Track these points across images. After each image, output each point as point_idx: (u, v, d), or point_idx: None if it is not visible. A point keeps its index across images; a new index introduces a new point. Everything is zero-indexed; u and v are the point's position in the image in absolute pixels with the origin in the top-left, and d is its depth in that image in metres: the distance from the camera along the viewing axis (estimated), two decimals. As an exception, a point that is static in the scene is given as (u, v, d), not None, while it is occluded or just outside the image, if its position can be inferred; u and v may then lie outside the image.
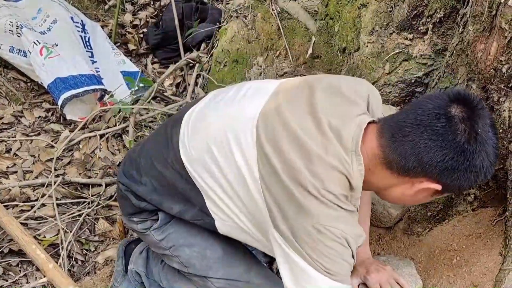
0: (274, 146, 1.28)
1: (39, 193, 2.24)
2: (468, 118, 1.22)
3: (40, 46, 2.76)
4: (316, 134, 1.28)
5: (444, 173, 1.23)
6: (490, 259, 1.75)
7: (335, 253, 1.22)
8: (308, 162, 1.24)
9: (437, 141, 1.21)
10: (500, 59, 1.55)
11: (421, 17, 1.99)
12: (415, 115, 1.25)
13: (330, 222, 1.21)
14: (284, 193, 1.24)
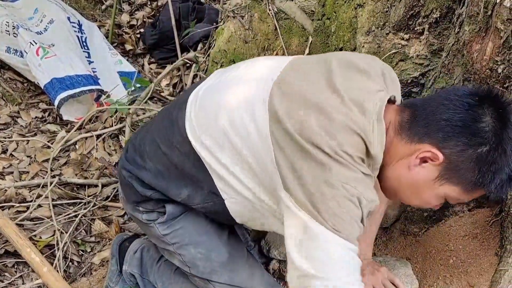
0: (289, 111, 1.20)
1: (35, 193, 2.23)
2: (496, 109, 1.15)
3: (37, 46, 2.76)
4: (337, 103, 1.19)
5: (448, 134, 1.15)
6: (486, 260, 1.75)
7: (346, 212, 1.12)
8: (326, 124, 1.16)
9: (454, 105, 1.14)
10: (496, 59, 1.55)
11: (417, 18, 1.99)
12: (443, 96, 1.19)
13: (345, 179, 1.13)
14: (297, 152, 1.16)
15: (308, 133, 1.16)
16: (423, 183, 1.23)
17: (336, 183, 1.12)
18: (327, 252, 1.12)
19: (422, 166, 1.20)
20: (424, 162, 1.20)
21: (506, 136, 1.12)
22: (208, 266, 1.55)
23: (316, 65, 1.33)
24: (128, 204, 1.63)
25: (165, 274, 1.72)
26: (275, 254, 1.98)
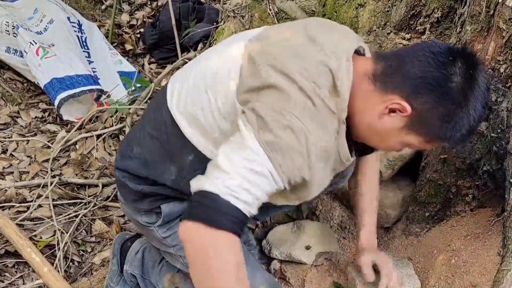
0: (263, 52, 1.27)
1: (35, 193, 2.23)
2: (468, 70, 1.20)
3: (37, 46, 2.75)
4: (311, 46, 1.27)
5: (419, 90, 1.20)
6: (488, 260, 1.74)
7: (285, 143, 1.16)
8: (299, 61, 1.23)
9: (428, 62, 1.20)
10: (498, 59, 1.55)
11: (418, 17, 1.99)
12: (418, 52, 1.23)
13: (299, 113, 1.18)
14: (264, 80, 1.21)
15: (280, 65, 1.22)
16: (390, 131, 1.29)
17: (287, 114, 1.17)
18: (248, 163, 1.16)
19: (390, 115, 1.26)
20: (393, 112, 1.25)
21: (472, 97, 1.19)
22: None
23: (293, 23, 1.43)
24: (128, 207, 1.61)
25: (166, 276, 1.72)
26: (276, 254, 1.98)
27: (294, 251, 1.95)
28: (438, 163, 1.88)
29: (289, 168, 1.19)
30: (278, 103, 1.18)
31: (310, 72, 1.22)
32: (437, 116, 1.21)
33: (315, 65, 1.23)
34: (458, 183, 1.88)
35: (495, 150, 1.69)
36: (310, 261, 1.95)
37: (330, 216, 2.20)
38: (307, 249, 1.97)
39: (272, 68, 1.22)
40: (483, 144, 1.75)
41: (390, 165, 1.99)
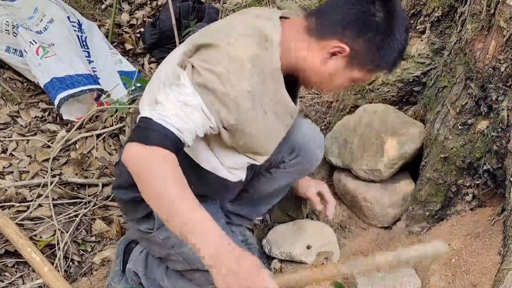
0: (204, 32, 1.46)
1: (35, 193, 2.22)
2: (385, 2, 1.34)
3: (37, 45, 2.74)
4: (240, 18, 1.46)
5: (351, 30, 1.34)
6: (489, 259, 1.74)
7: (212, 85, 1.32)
8: (228, 25, 1.43)
9: (350, 5, 1.35)
10: (499, 57, 1.55)
11: (419, 16, 1.99)
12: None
13: (226, 62, 1.33)
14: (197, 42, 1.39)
15: (212, 31, 1.44)
16: (336, 72, 1.43)
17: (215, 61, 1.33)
18: (182, 97, 1.32)
19: (332, 59, 1.40)
20: (334, 55, 1.39)
21: (395, 24, 1.35)
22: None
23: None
24: (130, 221, 1.69)
25: (172, 273, 1.70)
26: (276, 254, 1.98)
27: (294, 251, 1.95)
28: (438, 162, 1.88)
29: (217, 106, 1.33)
30: (209, 55, 1.35)
31: (238, 30, 1.40)
32: (371, 48, 1.36)
33: (244, 25, 1.42)
34: (458, 182, 1.88)
35: (496, 149, 1.69)
36: (310, 261, 1.95)
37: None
38: (308, 248, 1.97)
39: (206, 34, 1.43)
40: (484, 143, 1.75)
41: (390, 164, 1.99)
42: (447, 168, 1.87)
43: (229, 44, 1.36)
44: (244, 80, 1.35)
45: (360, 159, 2.04)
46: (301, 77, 1.48)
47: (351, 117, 2.17)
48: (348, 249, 2.08)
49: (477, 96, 1.69)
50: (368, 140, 2.05)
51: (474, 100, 1.71)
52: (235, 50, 1.36)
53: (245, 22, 1.44)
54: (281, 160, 1.82)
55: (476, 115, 1.74)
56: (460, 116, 1.77)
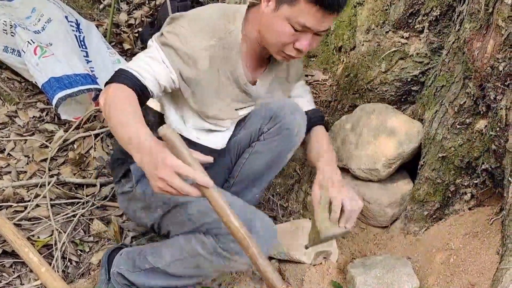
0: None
1: (33, 193, 2.21)
2: None
3: (34, 45, 2.74)
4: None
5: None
6: (487, 258, 1.74)
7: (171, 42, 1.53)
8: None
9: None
10: (497, 57, 1.55)
11: (417, 16, 1.98)
12: None
13: (186, 25, 1.54)
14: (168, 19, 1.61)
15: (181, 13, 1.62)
16: (272, 18, 1.52)
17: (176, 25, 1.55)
18: (147, 53, 1.55)
19: (267, 5, 1.52)
20: (268, 1, 1.52)
21: None
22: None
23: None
24: (117, 186, 1.85)
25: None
26: (274, 254, 1.98)
27: (292, 251, 1.94)
28: (436, 161, 1.87)
29: (177, 61, 1.54)
30: (176, 22, 1.56)
31: (209, 5, 1.62)
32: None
33: (216, 5, 1.61)
34: (456, 182, 1.88)
35: (494, 149, 1.68)
36: (308, 261, 1.94)
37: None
38: (306, 248, 1.96)
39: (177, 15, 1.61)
40: (482, 142, 1.75)
41: (388, 164, 1.99)
42: (445, 168, 1.87)
43: (196, 12, 1.59)
44: (202, 40, 1.55)
45: (358, 158, 2.04)
46: (263, 45, 1.62)
47: (349, 116, 2.17)
48: (346, 248, 2.07)
49: (475, 95, 1.69)
50: (366, 139, 2.04)
51: (473, 100, 1.71)
52: (199, 16, 1.57)
53: (218, 4, 1.66)
54: (260, 132, 1.80)
55: (475, 114, 1.74)
56: (458, 115, 1.77)
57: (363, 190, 2.07)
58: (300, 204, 2.31)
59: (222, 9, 1.61)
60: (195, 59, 1.55)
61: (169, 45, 1.54)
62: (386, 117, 2.04)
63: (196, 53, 1.55)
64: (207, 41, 1.55)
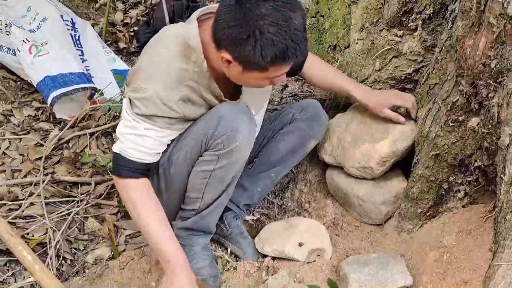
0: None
1: (27, 192, 2.21)
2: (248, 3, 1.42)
3: (29, 44, 2.74)
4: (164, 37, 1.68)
5: (227, 40, 1.47)
6: (480, 256, 1.75)
7: (148, 104, 1.60)
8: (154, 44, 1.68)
9: (225, 9, 1.47)
10: (489, 54, 1.55)
11: (410, 14, 1.99)
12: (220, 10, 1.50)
13: (148, 84, 1.59)
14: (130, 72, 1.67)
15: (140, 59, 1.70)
16: (240, 76, 1.57)
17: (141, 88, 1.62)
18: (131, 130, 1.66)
19: (229, 66, 1.54)
20: (229, 62, 1.53)
21: (259, 24, 1.41)
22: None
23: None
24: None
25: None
26: (268, 252, 1.98)
27: (286, 248, 1.95)
28: (430, 159, 1.88)
29: (161, 121, 1.64)
30: (137, 82, 1.61)
31: (165, 43, 1.62)
32: (249, 52, 1.44)
33: (168, 36, 1.63)
34: (450, 180, 1.89)
35: (486, 146, 1.69)
36: (302, 258, 1.95)
37: (323, 213, 2.20)
38: (300, 245, 1.97)
39: (141, 54, 1.70)
40: (475, 140, 1.75)
41: (382, 162, 1.99)
42: (438, 165, 1.87)
43: (151, 64, 1.61)
44: (173, 94, 1.61)
45: (352, 156, 2.05)
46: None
47: (344, 115, 2.18)
48: (340, 246, 2.08)
49: (468, 93, 1.69)
50: (360, 137, 2.05)
51: (465, 97, 1.71)
52: (157, 68, 1.60)
53: (170, 31, 1.65)
54: (292, 119, 2.07)
55: (467, 112, 1.74)
56: (451, 113, 1.77)
57: (357, 188, 2.08)
58: (295, 202, 2.31)
59: (174, 47, 1.60)
60: (176, 111, 1.64)
61: (148, 115, 1.62)
62: (380, 116, 2.04)
63: (174, 107, 1.63)
64: (178, 92, 1.62)
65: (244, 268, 1.97)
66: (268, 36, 1.41)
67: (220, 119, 1.68)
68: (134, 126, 1.64)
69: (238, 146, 1.70)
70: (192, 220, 1.92)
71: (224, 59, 1.52)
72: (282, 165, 2.09)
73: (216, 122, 1.68)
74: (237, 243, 2.08)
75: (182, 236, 1.95)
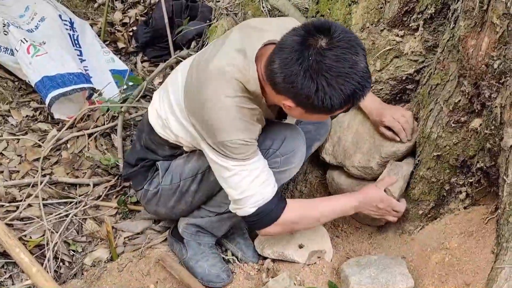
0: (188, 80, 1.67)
1: (25, 193, 2.20)
2: (323, 47, 1.38)
3: (28, 44, 2.72)
4: (224, 55, 1.60)
5: (290, 89, 1.44)
6: (482, 258, 1.73)
7: (240, 150, 1.59)
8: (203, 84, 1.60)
9: (286, 60, 1.42)
10: (492, 54, 1.53)
11: (412, 14, 1.97)
12: (285, 39, 1.45)
13: (230, 137, 1.56)
14: (196, 116, 1.62)
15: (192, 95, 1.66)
16: (303, 115, 1.56)
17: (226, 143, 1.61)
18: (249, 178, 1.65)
19: (291, 108, 1.53)
20: (290, 107, 1.52)
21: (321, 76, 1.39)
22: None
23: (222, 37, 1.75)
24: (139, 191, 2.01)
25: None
26: (269, 254, 1.97)
27: (286, 250, 1.93)
28: (431, 160, 1.86)
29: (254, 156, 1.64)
30: (217, 140, 1.59)
31: (222, 88, 1.56)
32: (317, 103, 1.42)
33: (223, 78, 1.57)
34: (451, 181, 1.87)
35: (489, 147, 1.67)
36: (303, 260, 1.93)
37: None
38: (300, 248, 1.95)
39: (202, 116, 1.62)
40: (477, 141, 1.74)
41: (382, 162, 1.97)
42: (440, 166, 1.86)
43: (222, 116, 1.56)
44: (254, 131, 1.62)
45: (352, 156, 2.03)
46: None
47: (346, 114, 2.16)
48: (341, 248, 2.06)
49: (470, 93, 1.68)
50: (362, 137, 2.03)
51: (467, 98, 1.69)
52: (232, 119, 1.56)
53: (222, 70, 1.57)
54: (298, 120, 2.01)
55: (469, 112, 1.73)
56: (453, 113, 1.75)
57: (358, 189, 2.05)
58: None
59: (235, 93, 1.57)
60: (258, 137, 1.66)
61: (247, 156, 1.61)
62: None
63: (254, 139, 1.63)
64: (255, 127, 1.63)
65: (244, 270, 1.96)
66: (336, 87, 1.39)
67: (284, 139, 1.72)
68: (244, 171, 1.63)
69: (292, 168, 1.77)
70: (208, 219, 1.95)
71: (286, 105, 1.51)
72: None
73: (280, 142, 1.73)
74: (237, 244, 2.06)
75: (190, 232, 1.99)
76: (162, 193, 1.93)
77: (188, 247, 2.00)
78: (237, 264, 2.01)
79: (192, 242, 2.00)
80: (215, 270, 1.93)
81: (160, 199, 1.95)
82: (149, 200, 1.98)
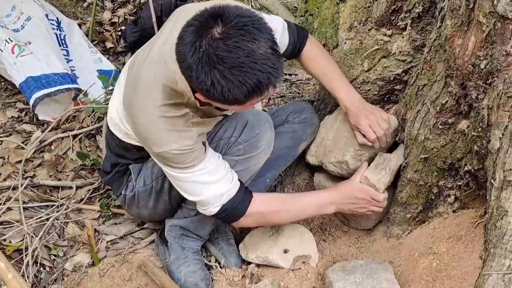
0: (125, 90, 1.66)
1: (5, 196, 2.15)
2: (214, 37, 1.29)
3: (12, 44, 2.69)
4: (151, 61, 1.57)
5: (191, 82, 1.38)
6: (470, 263, 1.69)
7: (178, 159, 1.56)
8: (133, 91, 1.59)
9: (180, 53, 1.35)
10: (478, 54, 1.49)
11: (399, 12, 1.92)
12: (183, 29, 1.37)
13: (162, 149, 1.54)
14: (132, 126, 1.63)
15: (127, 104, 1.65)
16: (224, 107, 1.53)
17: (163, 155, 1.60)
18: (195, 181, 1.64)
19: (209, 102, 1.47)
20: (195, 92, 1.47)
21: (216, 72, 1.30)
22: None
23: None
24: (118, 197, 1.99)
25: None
26: (253, 258, 1.92)
27: (271, 255, 1.89)
28: (419, 163, 1.82)
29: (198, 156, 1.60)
30: (153, 150, 1.59)
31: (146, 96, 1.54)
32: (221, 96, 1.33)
33: (147, 87, 1.54)
34: (439, 184, 1.83)
35: (476, 150, 1.63)
36: (287, 265, 1.89)
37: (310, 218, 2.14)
38: (285, 252, 1.91)
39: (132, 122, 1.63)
40: (464, 143, 1.69)
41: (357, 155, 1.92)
42: (428, 169, 1.81)
43: (149, 128, 1.55)
44: (188, 139, 1.56)
45: (330, 153, 1.98)
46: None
47: (330, 116, 2.12)
48: (327, 252, 2.02)
49: (457, 94, 1.63)
50: (341, 134, 1.99)
51: (454, 99, 1.65)
52: (160, 131, 1.53)
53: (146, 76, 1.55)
54: (285, 121, 2.06)
55: (457, 114, 1.68)
56: (441, 115, 1.71)
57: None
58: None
59: (161, 100, 1.53)
60: (199, 141, 1.61)
61: (189, 163, 1.58)
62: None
63: (197, 145, 1.59)
64: (190, 135, 1.57)
65: (227, 276, 1.92)
66: (231, 79, 1.30)
67: (245, 125, 1.70)
68: (193, 177, 1.61)
69: (258, 153, 1.74)
70: (189, 219, 1.91)
71: (200, 98, 1.46)
72: (276, 168, 2.05)
73: (241, 129, 1.70)
74: (221, 249, 2.02)
75: (174, 235, 1.96)
76: (139, 196, 1.91)
77: (171, 251, 1.96)
78: (220, 270, 1.96)
79: (176, 246, 1.95)
80: (194, 277, 1.89)
81: (139, 202, 1.93)
82: (130, 204, 1.95)
